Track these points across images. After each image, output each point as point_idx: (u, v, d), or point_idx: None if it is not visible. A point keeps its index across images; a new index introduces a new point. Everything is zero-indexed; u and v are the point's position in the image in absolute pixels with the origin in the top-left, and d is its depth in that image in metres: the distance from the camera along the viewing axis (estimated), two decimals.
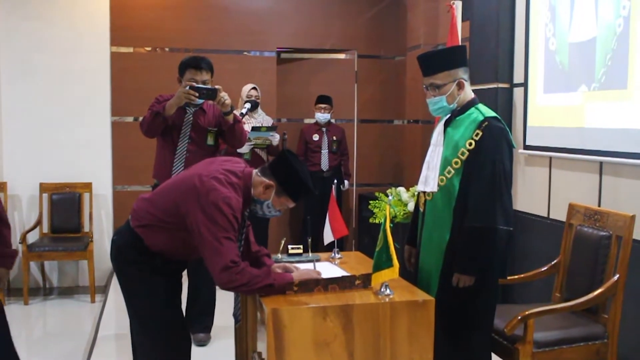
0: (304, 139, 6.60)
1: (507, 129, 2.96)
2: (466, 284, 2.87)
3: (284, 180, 2.74)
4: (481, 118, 2.91)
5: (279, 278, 2.66)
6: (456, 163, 2.90)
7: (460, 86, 2.95)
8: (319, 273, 2.81)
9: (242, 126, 4.34)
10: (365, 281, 2.75)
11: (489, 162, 2.83)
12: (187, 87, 4.01)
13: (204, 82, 4.12)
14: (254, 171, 2.81)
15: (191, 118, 4.20)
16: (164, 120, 4.08)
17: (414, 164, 6.36)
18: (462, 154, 2.89)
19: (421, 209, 3.11)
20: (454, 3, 5.10)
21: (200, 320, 4.44)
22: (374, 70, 7.08)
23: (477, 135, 2.88)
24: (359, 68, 7.06)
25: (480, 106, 2.99)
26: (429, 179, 3.02)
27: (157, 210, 2.80)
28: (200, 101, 4.13)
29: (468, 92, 3.00)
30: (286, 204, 2.82)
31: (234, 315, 3.10)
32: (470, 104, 2.98)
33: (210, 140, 4.25)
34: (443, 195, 2.94)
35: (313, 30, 6.81)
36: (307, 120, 6.93)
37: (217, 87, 4.05)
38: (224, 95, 4.07)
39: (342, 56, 7.12)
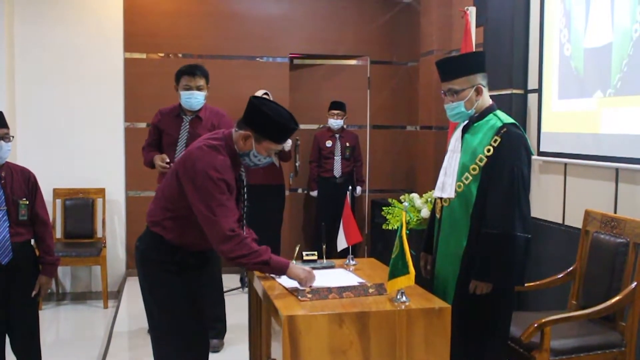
0: (317, 145, 6.60)
1: (526, 136, 2.95)
2: (483, 291, 2.86)
3: (257, 126, 2.79)
4: (499, 124, 2.90)
5: (276, 258, 2.76)
6: (474, 169, 2.89)
7: (478, 92, 2.94)
8: (311, 273, 2.82)
9: None
10: (379, 289, 2.74)
11: (508, 168, 2.82)
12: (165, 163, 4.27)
13: (198, 87, 4.28)
14: (233, 129, 2.87)
15: (188, 126, 4.32)
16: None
17: (426, 170, 6.34)
18: (480, 160, 2.88)
19: (437, 216, 3.10)
20: (467, 8, 5.07)
21: (213, 326, 4.42)
22: (386, 76, 7.08)
23: (495, 141, 2.87)
24: (372, 74, 7.06)
25: (499, 112, 2.98)
26: (446, 185, 3.01)
27: (162, 202, 2.90)
28: (197, 109, 4.29)
29: (486, 98, 2.99)
30: (271, 148, 2.85)
31: (241, 279, 3.10)
32: (489, 110, 2.98)
33: None
34: (460, 201, 2.93)
35: (325, 36, 6.82)
36: (320, 127, 6.93)
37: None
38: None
39: (354, 62, 7.13)
